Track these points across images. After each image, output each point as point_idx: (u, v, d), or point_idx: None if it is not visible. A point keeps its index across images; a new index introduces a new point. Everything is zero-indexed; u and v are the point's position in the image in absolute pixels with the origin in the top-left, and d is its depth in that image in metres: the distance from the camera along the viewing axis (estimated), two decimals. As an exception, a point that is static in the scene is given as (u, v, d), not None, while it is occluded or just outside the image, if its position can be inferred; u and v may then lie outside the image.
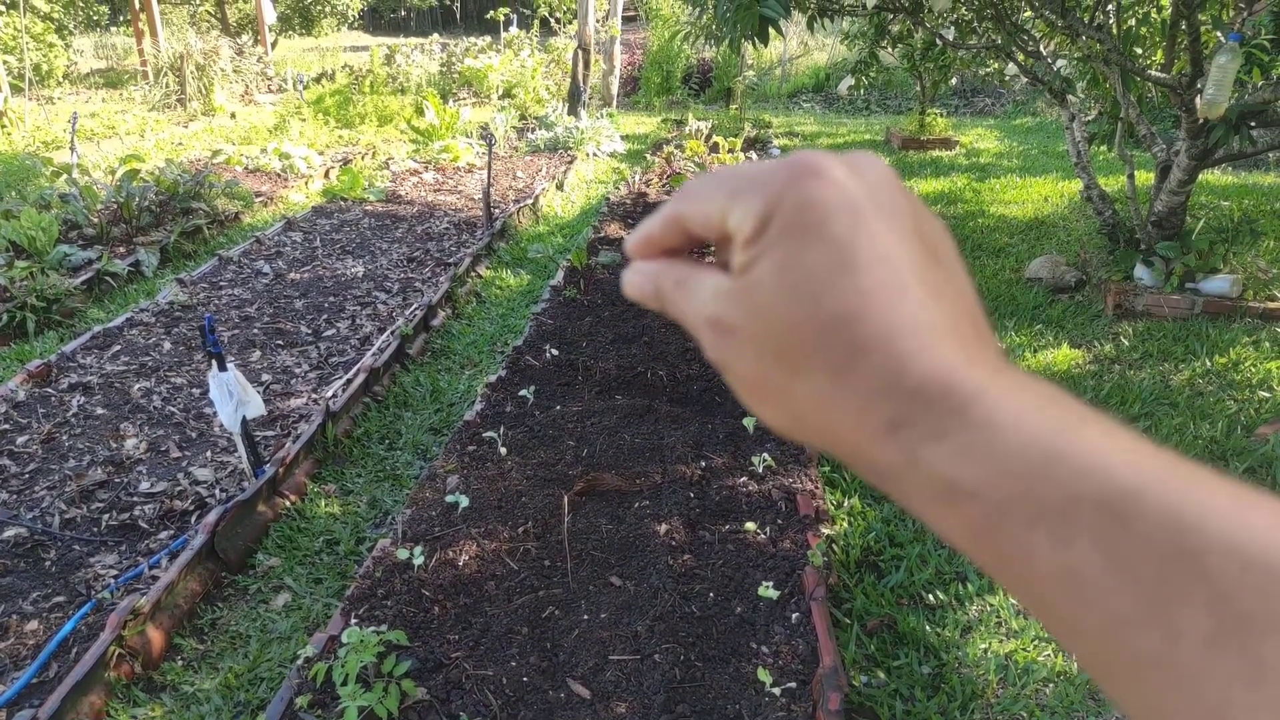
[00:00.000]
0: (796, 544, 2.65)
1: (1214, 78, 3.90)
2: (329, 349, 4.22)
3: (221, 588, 2.67)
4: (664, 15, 13.82)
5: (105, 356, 4.05)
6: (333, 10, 22.96)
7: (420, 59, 14.42)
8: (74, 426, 3.46)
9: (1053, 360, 4.13)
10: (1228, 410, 3.63)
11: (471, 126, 10.32)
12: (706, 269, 0.36)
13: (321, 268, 5.44)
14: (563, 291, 4.81)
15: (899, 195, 0.32)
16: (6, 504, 2.95)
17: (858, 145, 10.31)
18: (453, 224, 6.50)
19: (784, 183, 0.31)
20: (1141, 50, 5.33)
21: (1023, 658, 2.36)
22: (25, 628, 2.42)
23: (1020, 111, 13.06)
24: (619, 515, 2.79)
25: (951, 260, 0.33)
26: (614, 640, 2.26)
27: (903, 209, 0.32)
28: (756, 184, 0.32)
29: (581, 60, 11.05)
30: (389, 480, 3.26)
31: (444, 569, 2.52)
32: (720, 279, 0.34)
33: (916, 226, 0.32)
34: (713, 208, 0.34)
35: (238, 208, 6.63)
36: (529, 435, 3.27)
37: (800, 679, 2.14)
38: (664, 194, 7.26)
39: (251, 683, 2.31)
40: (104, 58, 19.12)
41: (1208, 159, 4.56)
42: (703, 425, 3.33)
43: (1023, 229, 6.33)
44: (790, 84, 15.62)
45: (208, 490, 3.05)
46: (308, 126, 10.07)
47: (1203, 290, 4.61)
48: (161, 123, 10.98)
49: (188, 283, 5.01)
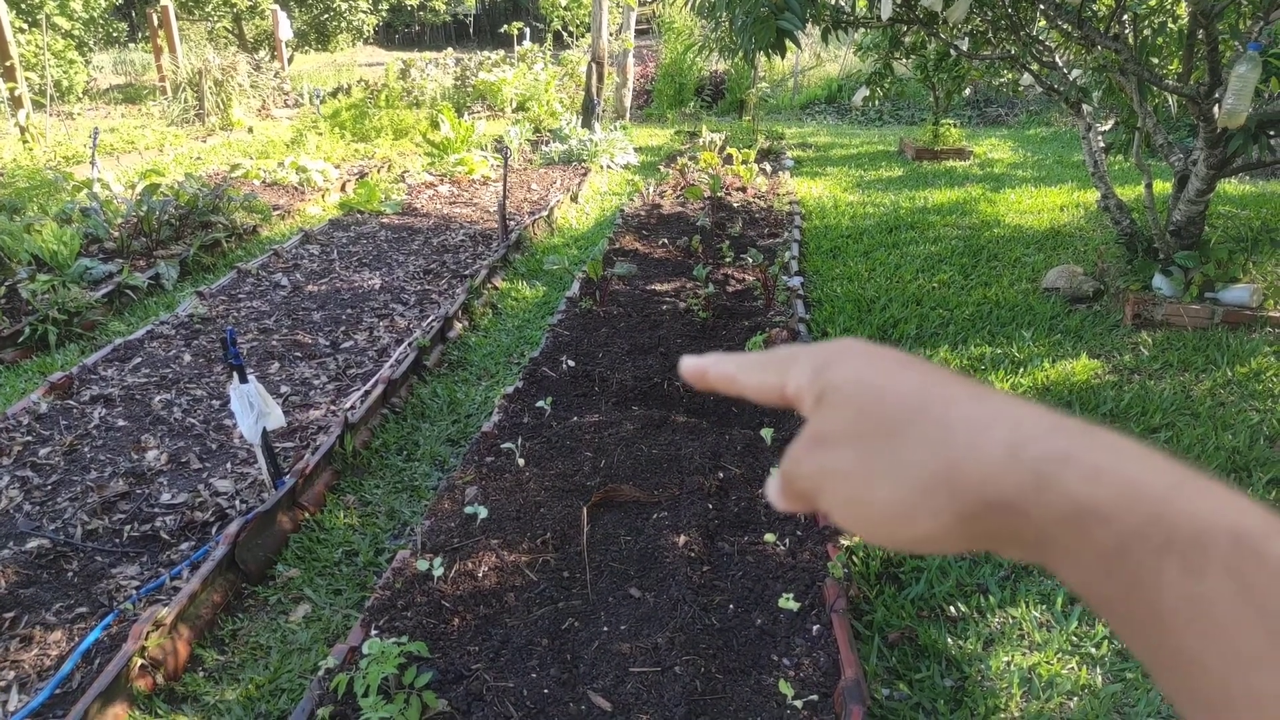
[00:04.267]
0: (816, 555, 2.63)
1: (1234, 87, 3.88)
2: (347, 361, 4.25)
3: (242, 599, 2.68)
4: (677, 28, 13.89)
5: (126, 369, 4.09)
6: (348, 26, 23.19)
7: (435, 73, 14.53)
8: (95, 438, 3.49)
9: (1072, 370, 4.10)
10: (1250, 420, 3.59)
11: (486, 140, 10.39)
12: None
13: (339, 280, 5.47)
14: (579, 303, 4.82)
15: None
16: (29, 515, 2.98)
17: (871, 156, 10.31)
18: (468, 236, 6.54)
19: (820, 348, 0.38)
20: (1158, 60, 5.31)
21: (1046, 671, 2.34)
22: (49, 638, 2.43)
23: (1034, 121, 13.03)
24: (637, 526, 2.78)
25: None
26: (634, 652, 2.26)
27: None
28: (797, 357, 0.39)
29: (595, 73, 11.11)
30: (407, 491, 3.27)
31: (463, 580, 2.53)
32: (805, 425, 0.38)
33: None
34: (771, 378, 0.40)
35: (256, 221, 6.69)
36: (546, 446, 3.27)
37: (822, 691, 2.13)
38: (678, 206, 7.28)
39: (273, 694, 2.32)
40: (123, 74, 19.38)
41: (1226, 168, 4.53)
42: (720, 436, 3.32)
43: (1039, 239, 6.30)
44: (803, 95, 15.65)
45: (228, 501, 3.07)
46: (324, 140, 10.16)
47: (1222, 300, 4.58)
48: (180, 137, 11.10)
49: (207, 295, 5.05)
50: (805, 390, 0.37)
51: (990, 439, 0.30)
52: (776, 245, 6.06)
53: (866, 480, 0.33)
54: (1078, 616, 2.54)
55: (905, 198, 7.83)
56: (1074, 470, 0.28)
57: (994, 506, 0.30)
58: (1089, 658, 2.41)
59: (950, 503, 0.31)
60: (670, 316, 4.66)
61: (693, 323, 4.55)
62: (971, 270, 5.64)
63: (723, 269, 5.42)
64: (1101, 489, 0.27)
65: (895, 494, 0.32)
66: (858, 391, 0.35)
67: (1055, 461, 0.29)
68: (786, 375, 0.38)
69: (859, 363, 0.36)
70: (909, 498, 0.32)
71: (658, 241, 6.18)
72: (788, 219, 6.86)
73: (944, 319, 4.78)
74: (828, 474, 0.35)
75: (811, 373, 0.37)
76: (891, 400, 0.34)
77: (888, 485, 0.33)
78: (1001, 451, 0.30)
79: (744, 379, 0.41)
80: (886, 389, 0.34)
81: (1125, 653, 2.42)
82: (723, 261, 5.57)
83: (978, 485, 0.30)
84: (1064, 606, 2.59)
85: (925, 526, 0.31)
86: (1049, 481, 0.28)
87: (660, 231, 6.46)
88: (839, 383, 0.36)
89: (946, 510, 0.31)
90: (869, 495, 0.33)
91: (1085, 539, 0.28)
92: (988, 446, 0.30)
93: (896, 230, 6.69)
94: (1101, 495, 0.27)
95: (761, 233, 6.47)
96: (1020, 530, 0.30)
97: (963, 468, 0.30)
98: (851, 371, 0.36)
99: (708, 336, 4.38)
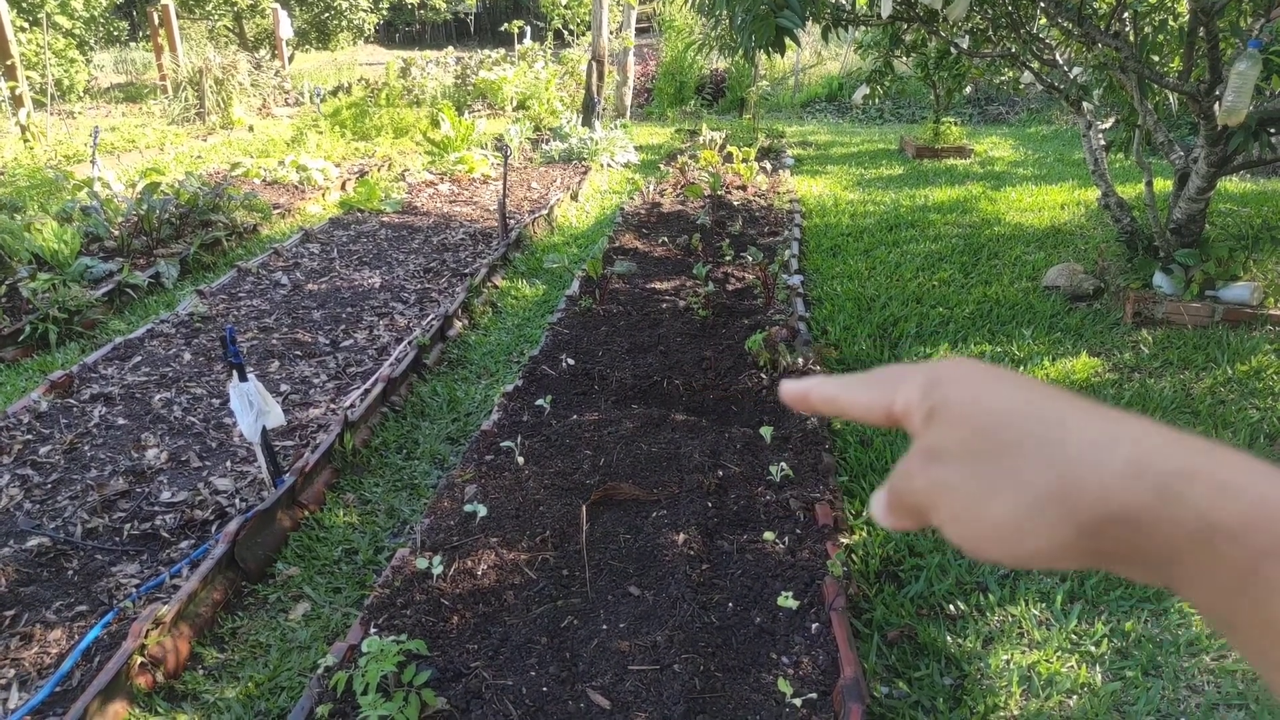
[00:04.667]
0: (815, 554, 2.63)
1: (1234, 85, 3.88)
2: (347, 359, 4.25)
3: (241, 597, 2.68)
4: (677, 26, 13.88)
5: (126, 367, 4.09)
6: (349, 24, 23.18)
7: (435, 71, 14.53)
8: (95, 437, 3.49)
9: (1072, 368, 4.10)
10: (1251, 419, 3.59)
11: (486, 138, 10.39)
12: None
13: (339, 279, 5.47)
14: (578, 301, 4.82)
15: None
16: (30, 514, 2.98)
17: (871, 154, 10.30)
18: (468, 235, 6.54)
19: (929, 366, 0.39)
20: (1159, 58, 5.30)
21: (1046, 669, 2.34)
22: (49, 636, 2.44)
23: (1034, 120, 13.02)
24: (637, 525, 2.78)
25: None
26: (633, 650, 2.26)
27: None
28: (904, 375, 0.40)
29: (595, 72, 11.10)
30: (407, 490, 3.27)
31: (463, 578, 2.53)
32: (915, 441, 0.38)
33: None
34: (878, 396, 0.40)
35: (256, 220, 6.69)
36: (546, 445, 3.27)
37: (821, 690, 2.13)
38: (678, 204, 7.28)
39: (272, 692, 2.32)
40: (124, 73, 19.38)
41: (1227, 166, 4.52)
42: (719, 435, 3.32)
43: (1039, 237, 6.30)
44: (804, 94, 15.63)
45: (228, 500, 3.07)
46: (324, 139, 10.15)
47: (1223, 298, 4.57)
48: (181, 136, 11.10)
49: (207, 294, 5.05)
50: (915, 407, 0.37)
51: (1111, 455, 0.30)
52: (776, 243, 6.06)
53: (981, 496, 0.33)
54: (1077, 615, 2.54)
55: (906, 196, 7.82)
56: (1201, 486, 0.28)
57: (1115, 521, 0.30)
58: (1088, 656, 2.40)
59: (1069, 518, 0.31)
60: (670, 315, 4.66)
61: (693, 321, 4.55)
62: (972, 268, 5.64)
63: (723, 267, 5.42)
64: (1230, 505, 0.27)
65: (1011, 509, 0.32)
66: (971, 408, 0.35)
67: (1180, 477, 0.28)
68: (894, 393, 0.39)
69: (971, 380, 0.37)
70: (1026, 513, 0.32)
71: (658, 240, 6.18)
72: (788, 217, 6.85)
73: (944, 317, 4.78)
74: (941, 489, 0.35)
75: (921, 390, 0.37)
76: (1005, 417, 0.34)
77: (1003, 501, 0.33)
78: (1123, 467, 0.29)
79: (847, 398, 0.41)
80: (1000, 406, 0.35)
81: (1124, 651, 2.42)
82: (723, 260, 5.56)
83: (1098, 500, 0.30)
84: (1063, 605, 2.59)
85: (1041, 541, 0.31)
86: (1174, 497, 0.28)
87: (660, 230, 6.46)
88: (951, 400, 0.36)
89: (1065, 525, 0.31)
90: (983, 511, 0.33)
91: (1214, 556, 0.27)
92: (1109, 462, 0.30)
93: (897, 228, 6.68)
94: (1231, 511, 0.27)
95: (761, 231, 6.46)
96: (1142, 547, 0.29)
97: (1082, 484, 0.30)
98: (964, 389, 0.36)
99: (708, 335, 4.38)
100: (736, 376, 3.84)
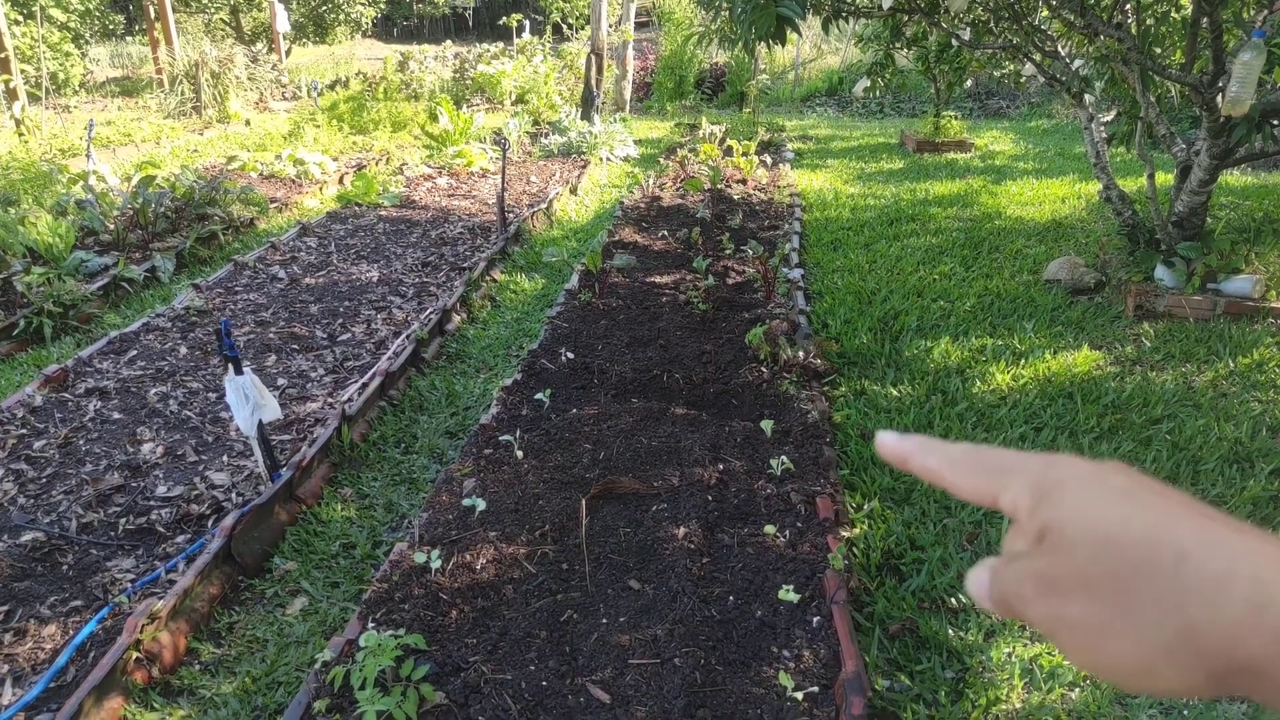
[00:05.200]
0: (816, 547, 2.62)
1: (1238, 75, 3.85)
2: (344, 353, 4.22)
3: (238, 591, 2.66)
4: (677, 19, 13.84)
5: (122, 361, 4.07)
6: (346, 18, 23.11)
7: (434, 65, 14.48)
8: (91, 431, 3.47)
9: (1073, 362, 4.08)
10: (1252, 412, 3.57)
11: (485, 132, 10.35)
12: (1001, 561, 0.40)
13: (336, 272, 5.45)
14: (577, 295, 4.79)
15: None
16: (24, 508, 2.96)
17: (872, 148, 10.27)
18: (467, 229, 6.51)
19: (1038, 464, 0.39)
20: (1161, 50, 5.28)
21: (1047, 662, 2.32)
22: (43, 632, 2.42)
23: (1035, 113, 12.98)
24: (637, 519, 2.76)
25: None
26: (633, 644, 2.24)
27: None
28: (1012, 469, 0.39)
29: (594, 65, 11.06)
30: (405, 484, 3.25)
31: (461, 572, 2.51)
32: (1022, 555, 0.38)
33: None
34: (984, 486, 0.40)
35: (253, 213, 6.66)
36: (545, 438, 3.25)
37: (822, 683, 2.11)
38: (678, 198, 7.25)
39: (269, 687, 2.30)
40: (120, 66, 19.31)
41: (1229, 158, 4.50)
42: (720, 428, 3.30)
43: (1040, 231, 6.27)
44: (804, 88, 15.59)
45: (224, 494, 3.05)
46: (322, 133, 10.12)
47: (1224, 291, 4.55)
48: (177, 130, 11.06)
49: (203, 288, 5.02)
50: (1023, 516, 0.38)
51: (1230, 598, 0.31)
52: (777, 237, 6.03)
53: (1102, 634, 0.34)
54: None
55: (906, 190, 7.80)
56: None
57: (1243, 670, 0.31)
58: (1091, 650, 2.38)
59: (1197, 664, 0.32)
60: (670, 309, 4.63)
61: (692, 315, 4.52)
62: (973, 262, 5.61)
63: (723, 261, 5.39)
64: None
65: (1136, 651, 0.33)
66: (1084, 537, 0.35)
67: None
68: (1001, 488, 0.39)
69: (1082, 497, 0.36)
70: (1151, 656, 0.33)
71: (657, 234, 6.15)
72: (788, 211, 6.83)
73: (945, 311, 4.76)
74: (1059, 623, 0.36)
75: (1031, 495, 0.38)
76: (1120, 549, 0.34)
77: (1127, 642, 0.34)
78: (1243, 610, 0.31)
79: (952, 479, 0.41)
80: (1113, 536, 0.34)
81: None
82: (723, 254, 5.54)
83: (1224, 649, 0.31)
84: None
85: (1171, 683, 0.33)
86: None
87: (660, 223, 6.43)
88: (1063, 523, 0.36)
89: (1194, 671, 0.32)
90: (1107, 648, 0.34)
91: None
92: (1228, 607, 0.31)
93: (897, 222, 6.66)
94: None
95: (762, 225, 6.44)
96: (1269, 691, 0.31)
97: (1206, 630, 0.31)
98: (1074, 510, 0.36)
99: (708, 328, 4.36)
100: (737, 370, 3.82)
